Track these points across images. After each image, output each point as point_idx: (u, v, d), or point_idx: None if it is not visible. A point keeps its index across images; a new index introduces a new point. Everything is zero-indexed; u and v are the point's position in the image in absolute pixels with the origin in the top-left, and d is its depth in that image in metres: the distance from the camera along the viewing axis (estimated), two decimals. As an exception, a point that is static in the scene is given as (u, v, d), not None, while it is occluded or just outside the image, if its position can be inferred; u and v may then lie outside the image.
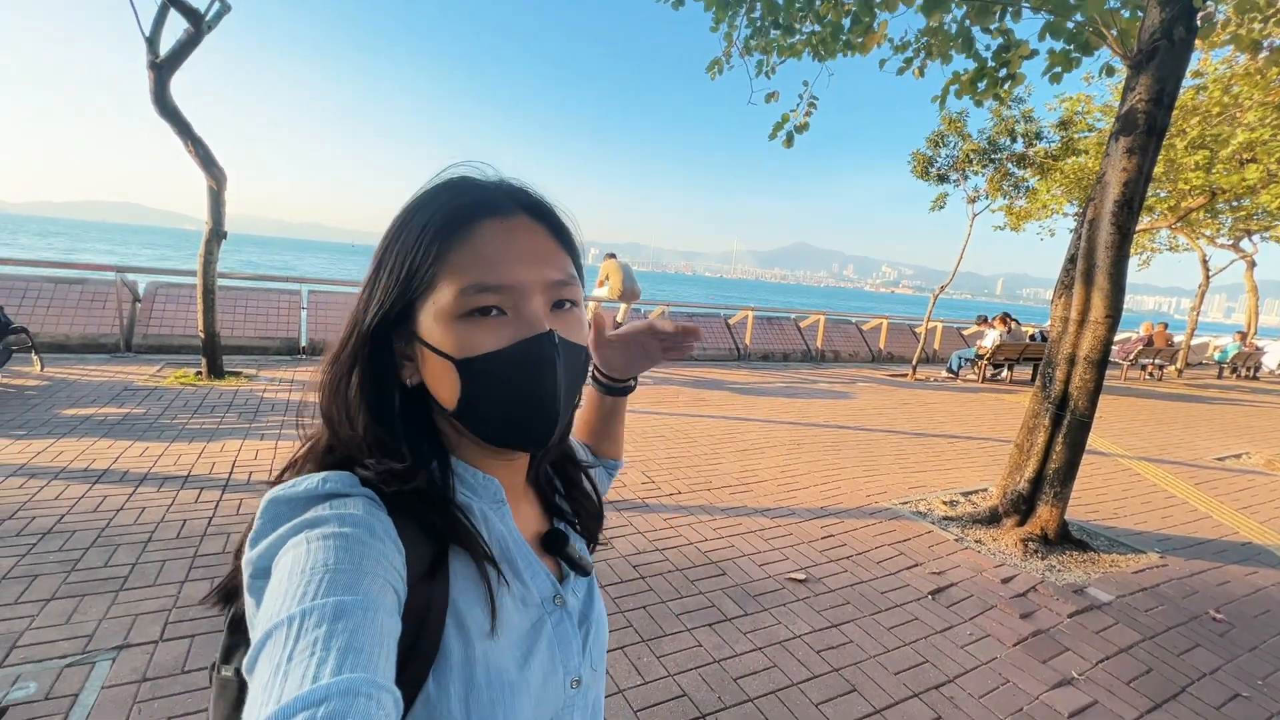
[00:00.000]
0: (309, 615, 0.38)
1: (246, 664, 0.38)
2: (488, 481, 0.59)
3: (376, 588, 0.42)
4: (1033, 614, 2.96)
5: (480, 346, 0.51)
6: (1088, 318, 3.58)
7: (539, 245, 0.54)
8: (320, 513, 0.46)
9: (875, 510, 4.15)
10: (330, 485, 0.48)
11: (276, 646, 0.37)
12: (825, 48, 4.54)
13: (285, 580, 0.41)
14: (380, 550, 0.45)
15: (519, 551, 0.59)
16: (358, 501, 0.48)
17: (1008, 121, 9.50)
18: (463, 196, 0.53)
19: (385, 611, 0.41)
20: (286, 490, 0.48)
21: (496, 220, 0.53)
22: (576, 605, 0.63)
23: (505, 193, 0.55)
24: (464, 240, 0.51)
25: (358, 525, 0.45)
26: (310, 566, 0.41)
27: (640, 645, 2.45)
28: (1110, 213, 3.43)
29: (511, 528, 0.60)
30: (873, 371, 11.16)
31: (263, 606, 0.41)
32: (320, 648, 0.36)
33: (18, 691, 1.93)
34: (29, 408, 4.77)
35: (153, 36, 5.43)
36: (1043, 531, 3.69)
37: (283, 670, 0.35)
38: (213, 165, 5.92)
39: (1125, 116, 3.40)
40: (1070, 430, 3.66)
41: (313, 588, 0.40)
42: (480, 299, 0.51)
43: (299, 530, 0.45)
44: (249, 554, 0.46)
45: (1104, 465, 5.87)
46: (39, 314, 7.02)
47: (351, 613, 0.39)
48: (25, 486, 3.37)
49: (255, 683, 0.36)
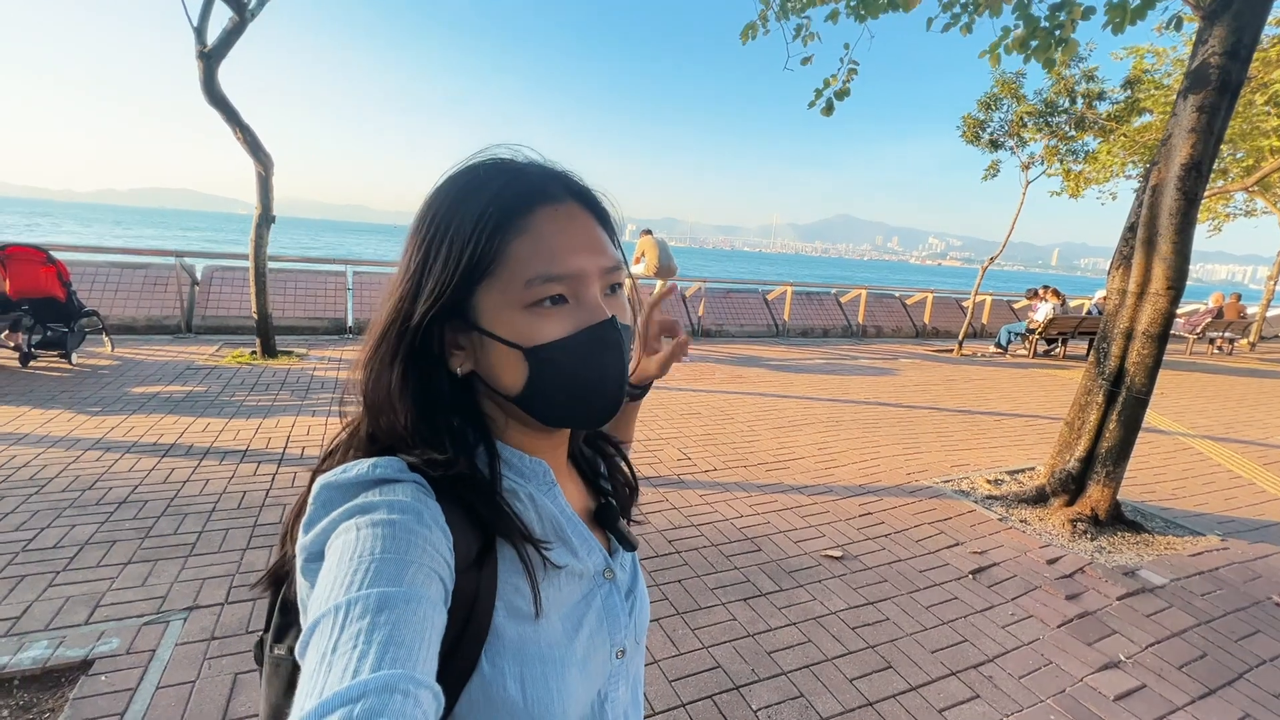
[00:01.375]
0: (354, 605, 0.39)
1: (299, 649, 0.40)
2: (536, 464, 0.59)
3: (421, 578, 0.43)
4: (1079, 596, 2.88)
5: (547, 335, 0.52)
6: (1147, 290, 3.39)
7: (591, 233, 0.55)
8: (370, 498, 0.47)
9: (916, 488, 4.08)
10: (380, 471, 0.49)
11: (323, 636, 0.38)
12: (866, 6, 4.35)
13: (335, 567, 0.42)
14: (427, 537, 0.45)
15: (572, 528, 0.60)
16: (407, 488, 0.48)
17: (1067, 81, 8.93)
18: (516, 183, 0.53)
19: (429, 603, 0.42)
20: (337, 476, 0.49)
21: (551, 207, 0.53)
22: (625, 578, 0.65)
23: (553, 178, 0.55)
24: (524, 229, 0.51)
25: (405, 512, 0.46)
26: (357, 554, 0.42)
27: (675, 618, 2.49)
28: (1176, 177, 3.22)
29: (563, 506, 0.61)
30: (916, 347, 10.87)
31: (315, 591, 0.42)
32: (362, 640, 0.37)
33: (103, 646, 2.10)
34: (103, 385, 5.09)
35: (200, 27, 5.59)
36: (1093, 512, 3.57)
37: (327, 661, 0.37)
38: (260, 151, 6.10)
39: (1195, 72, 3.17)
40: (1125, 407, 3.50)
41: (359, 577, 0.40)
42: (546, 289, 0.51)
43: (349, 515, 0.46)
44: (303, 539, 0.47)
45: (1163, 443, 5.61)
46: (107, 298, 7.44)
47: (394, 604, 0.40)
48: (102, 459, 3.62)
49: (304, 672, 0.38)
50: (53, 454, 3.64)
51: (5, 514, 2.92)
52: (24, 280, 5.45)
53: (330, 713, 0.34)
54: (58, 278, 5.62)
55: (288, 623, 0.57)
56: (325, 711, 0.34)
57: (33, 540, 2.71)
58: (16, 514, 2.92)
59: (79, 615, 2.25)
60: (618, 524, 0.66)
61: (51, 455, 3.62)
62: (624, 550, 0.66)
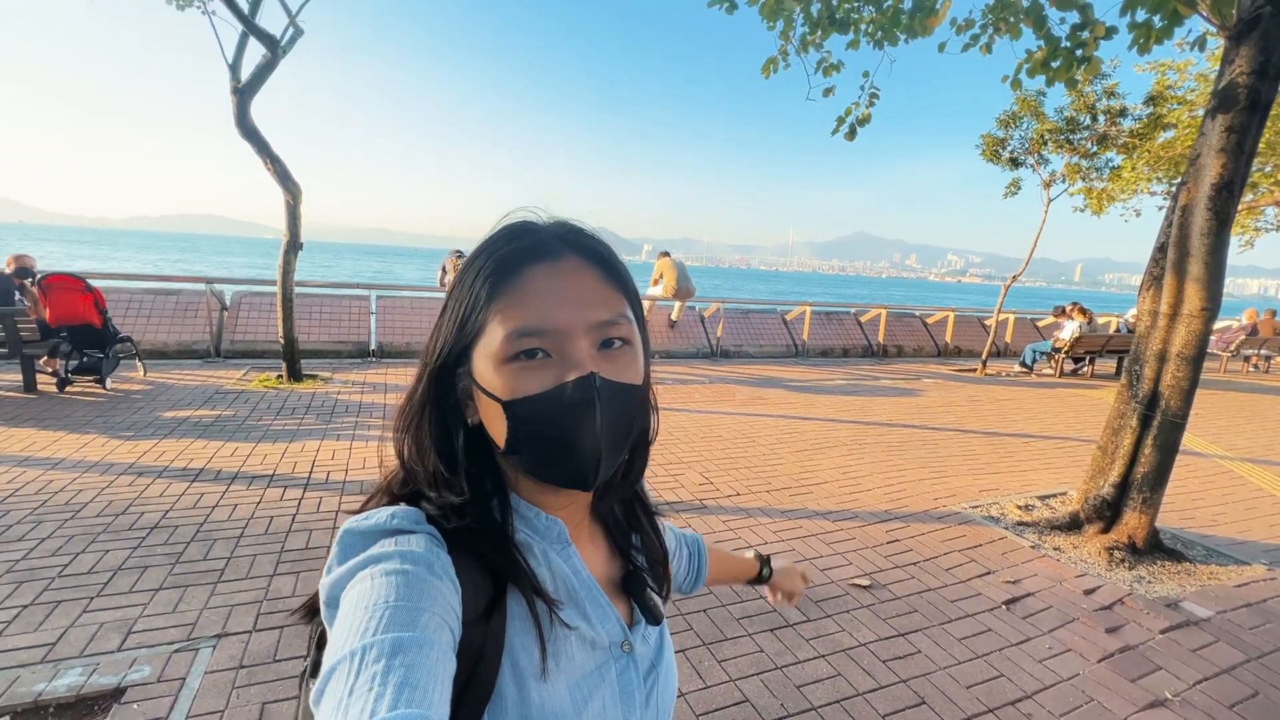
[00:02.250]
0: (369, 650, 0.40)
1: (314, 698, 0.41)
2: (551, 523, 0.59)
3: (434, 625, 0.44)
4: (1120, 628, 2.78)
5: (525, 389, 0.52)
6: (1180, 310, 3.32)
7: (586, 286, 0.55)
8: (385, 549, 0.49)
9: (944, 514, 3.99)
10: (397, 521, 0.52)
11: (339, 681, 0.40)
12: (887, 34, 4.39)
13: (350, 614, 0.44)
14: (437, 588, 0.47)
15: (585, 592, 0.59)
16: (420, 539, 0.51)
17: (1088, 98, 8.87)
18: (515, 242, 0.55)
19: (440, 649, 0.43)
20: (359, 523, 0.52)
21: (545, 264, 0.54)
22: (646, 653, 0.63)
23: (556, 235, 0.56)
24: (511, 286, 0.53)
25: (418, 563, 0.48)
26: (372, 603, 0.44)
27: (701, 649, 2.45)
28: (1207, 197, 3.16)
29: (578, 567, 0.60)
30: (939, 367, 10.72)
31: (331, 638, 0.44)
32: (378, 683, 0.39)
33: (134, 673, 2.13)
34: (135, 410, 5.22)
35: (235, 64, 5.82)
36: (1130, 540, 3.46)
37: (344, 706, 0.38)
38: (289, 181, 6.28)
39: (1223, 92, 3.13)
40: (1161, 432, 3.41)
41: (373, 624, 0.42)
42: (524, 343, 0.52)
43: (364, 565, 0.48)
44: (324, 580, 0.49)
45: (1200, 467, 5.44)
46: (140, 323, 7.66)
47: (408, 649, 0.41)
48: (135, 484, 3.69)
49: (321, 714, 0.39)
50: (88, 478, 3.72)
51: (42, 539, 2.98)
52: (63, 308, 5.63)
53: None
54: (95, 305, 5.81)
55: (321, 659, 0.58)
56: None
57: (68, 565, 2.77)
58: (53, 539, 2.99)
59: (112, 642, 2.28)
60: (644, 593, 0.63)
61: (86, 480, 3.70)
62: (648, 623, 0.64)
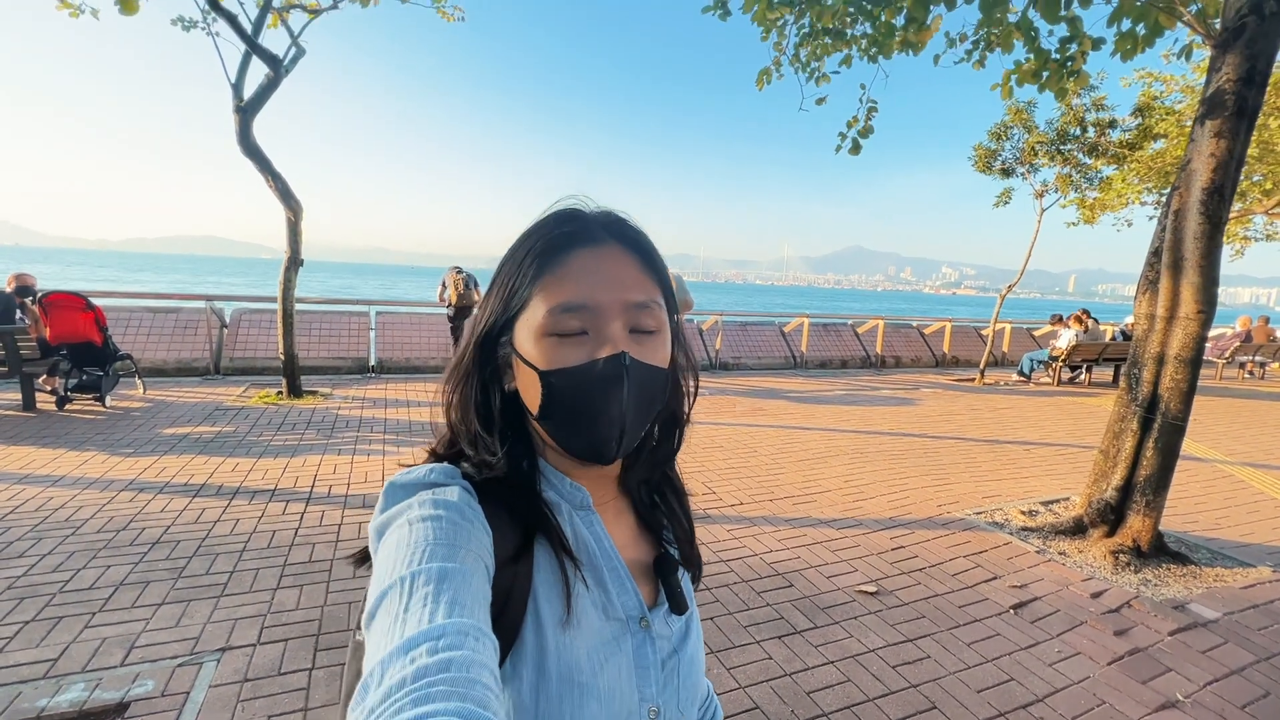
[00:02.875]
0: (418, 576, 0.44)
1: (365, 620, 0.44)
2: (576, 489, 0.62)
3: (470, 559, 0.48)
4: (1128, 631, 2.77)
5: (561, 361, 0.55)
6: (1177, 314, 3.35)
7: (624, 271, 0.58)
8: (423, 497, 0.53)
9: (948, 520, 3.99)
10: (434, 476, 0.56)
11: (393, 601, 0.43)
12: (880, 48, 4.47)
13: (394, 551, 0.48)
14: (470, 530, 0.51)
15: (605, 560, 0.61)
16: (454, 490, 0.55)
17: (1077, 110, 9.02)
18: (563, 226, 0.59)
19: (479, 578, 0.47)
20: (402, 477, 0.56)
21: (589, 248, 0.58)
22: (667, 636, 0.63)
23: (600, 223, 0.60)
24: (557, 266, 0.57)
25: (451, 509, 0.52)
26: (414, 541, 0.48)
27: (709, 657, 2.43)
28: (1199, 201, 3.21)
29: (600, 535, 0.62)
30: (937, 377, 10.75)
31: (375, 574, 0.48)
32: (431, 600, 0.43)
33: (138, 688, 2.10)
34: (135, 427, 5.20)
35: (238, 83, 5.89)
36: (1135, 543, 3.46)
37: (401, 618, 0.41)
38: (290, 198, 6.33)
39: (1211, 99, 3.19)
40: (1162, 434, 3.42)
41: (418, 555, 0.46)
42: (564, 318, 0.56)
43: (404, 512, 0.52)
44: (371, 525, 0.54)
45: (1201, 471, 5.44)
46: (140, 341, 7.66)
47: (453, 576, 0.45)
48: (136, 500, 3.67)
49: (375, 632, 0.42)
50: (88, 495, 3.70)
51: (43, 555, 2.96)
52: (64, 326, 5.64)
53: (417, 645, 0.39)
54: (95, 323, 5.81)
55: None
56: (412, 645, 0.39)
57: (70, 581, 2.75)
58: (54, 555, 2.96)
59: (115, 657, 2.26)
60: (672, 576, 0.64)
61: (87, 496, 3.68)
62: (671, 610, 0.64)
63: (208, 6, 5.51)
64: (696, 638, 0.67)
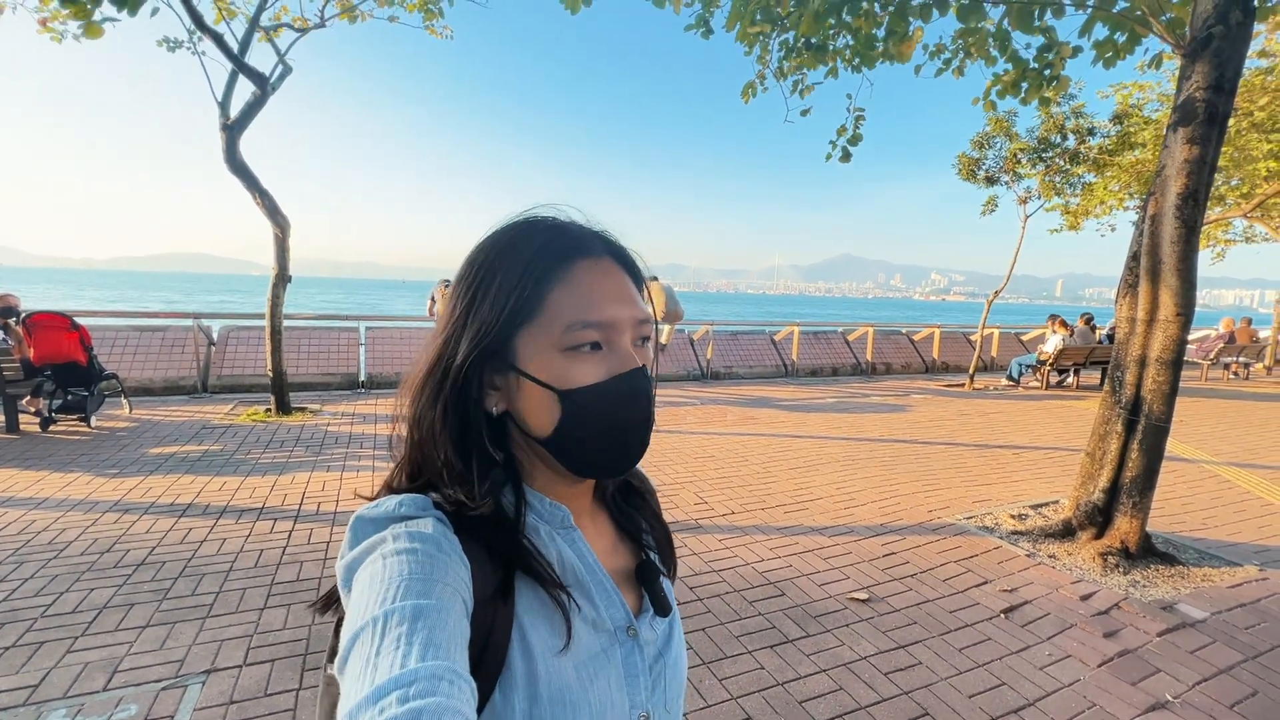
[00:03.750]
0: (391, 616, 0.42)
1: (337, 665, 0.42)
2: (555, 509, 0.60)
3: (447, 594, 0.46)
4: (1117, 633, 2.79)
5: (582, 379, 0.54)
6: (1157, 316, 3.40)
7: (624, 286, 0.58)
8: (395, 531, 0.50)
9: (938, 526, 4.00)
10: (404, 509, 0.53)
11: (364, 644, 0.41)
12: (863, 58, 4.54)
13: (367, 589, 0.45)
14: (447, 564, 0.49)
15: (590, 576, 0.60)
16: (428, 522, 0.52)
17: (1057, 118, 9.18)
18: (560, 237, 0.57)
19: (456, 615, 0.45)
20: (370, 511, 0.53)
21: (590, 260, 0.57)
22: (653, 641, 0.63)
23: (593, 234, 0.59)
24: (565, 278, 0.55)
25: (427, 542, 0.49)
26: (387, 578, 0.45)
27: (701, 668, 2.42)
28: (1174, 207, 3.27)
29: (583, 551, 0.61)
30: (927, 383, 10.82)
31: (349, 612, 0.45)
32: (404, 642, 0.41)
33: (121, 713, 2.07)
34: (120, 447, 5.14)
35: (224, 101, 5.90)
36: (1123, 544, 3.48)
37: (373, 662, 0.40)
38: (278, 214, 6.32)
39: (1183, 106, 3.27)
40: (1146, 435, 3.46)
41: (392, 593, 0.44)
42: (583, 335, 0.54)
43: (375, 548, 0.49)
44: (338, 565, 0.51)
45: (1188, 472, 5.50)
46: (126, 360, 7.59)
47: (428, 614, 0.43)
48: (120, 521, 3.62)
49: (348, 675, 0.40)
50: (72, 517, 3.65)
51: (25, 579, 2.91)
52: (48, 346, 5.58)
53: (387, 694, 0.37)
54: (80, 343, 5.75)
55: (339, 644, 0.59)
56: (382, 694, 0.37)
57: (51, 605, 2.70)
58: (36, 579, 2.92)
59: (97, 682, 2.22)
60: (656, 583, 0.64)
61: (70, 519, 3.63)
62: (655, 614, 0.64)
63: (194, 27, 5.53)
64: (680, 637, 0.68)
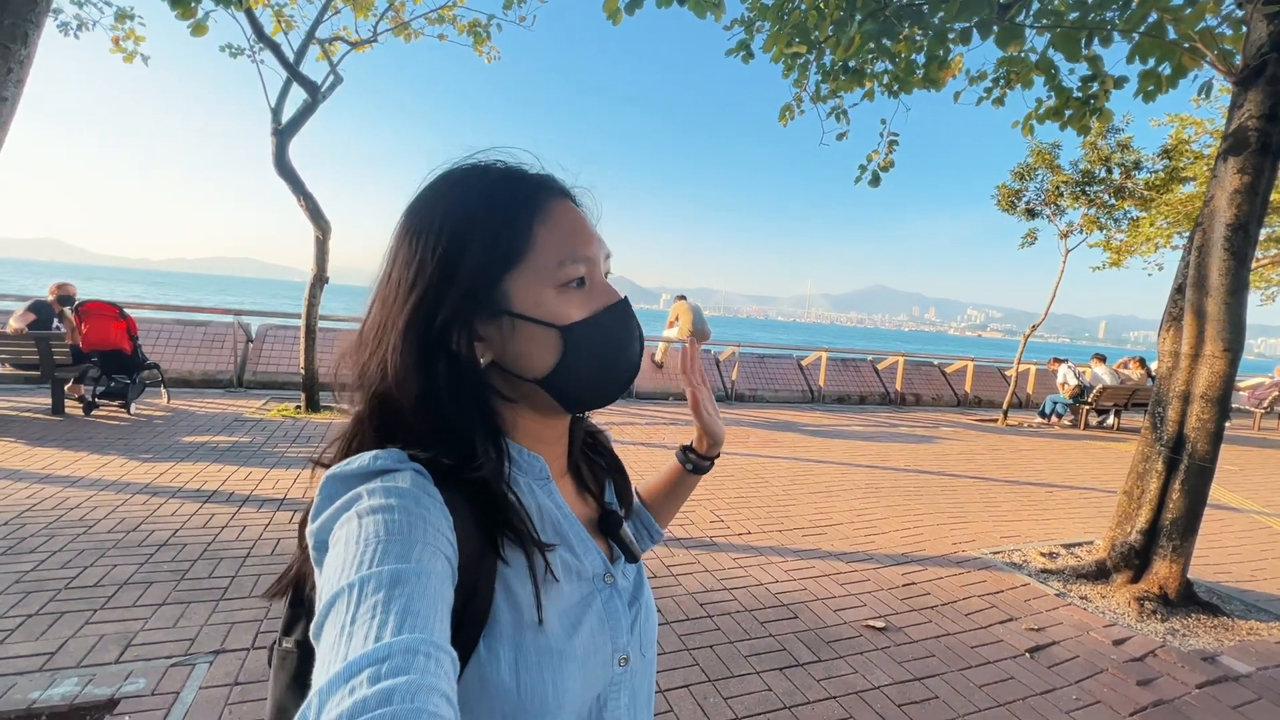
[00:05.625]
0: (368, 582, 0.40)
1: (314, 630, 0.40)
2: (533, 459, 0.60)
3: (428, 555, 0.43)
4: (1153, 681, 2.62)
5: (575, 314, 0.55)
6: (1202, 351, 3.26)
7: (590, 223, 0.60)
8: (371, 486, 0.47)
9: (963, 559, 3.85)
10: (380, 463, 0.49)
11: (340, 611, 0.39)
12: (901, 84, 4.52)
13: (343, 551, 0.43)
14: (427, 519, 0.46)
15: (570, 527, 0.61)
16: (405, 475, 0.49)
17: (1102, 150, 8.97)
18: (529, 178, 0.58)
19: (438, 578, 0.43)
20: (341, 469, 0.49)
21: (558, 201, 0.58)
22: (627, 586, 0.64)
23: (550, 176, 0.60)
24: (547, 218, 0.56)
25: (404, 497, 0.46)
26: (364, 538, 0.43)
27: (707, 685, 2.36)
28: (1223, 237, 3.15)
29: (560, 503, 0.61)
30: (958, 416, 10.53)
31: (323, 577, 0.43)
32: (380, 611, 0.38)
33: (129, 686, 2.10)
34: (155, 434, 5.31)
35: (277, 107, 6.16)
36: (1161, 590, 3.30)
37: (347, 632, 0.37)
38: (320, 217, 6.54)
39: (1234, 135, 3.16)
40: (1189, 476, 3.29)
41: (369, 556, 0.41)
42: (575, 269, 0.55)
43: (350, 505, 0.46)
44: (310, 527, 0.48)
45: (1236, 522, 5.21)
46: (168, 352, 7.87)
47: (407, 579, 0.40)
48: (148, 503, 3.72)
49: (323, 645, 0.38)
50: (103, 497, 3.77)
51: (54, 551, 3.00)
52: (97, 334, 5.83)
53: (358, 672, 0.35)
54: (126, 332, 6.00)
55: (296, 615, 0.57)
56: (353, 672, 0.35)
57: (75, 578, 2.77)
58: (63, 552, 3.01)
59: (110, 654, 2.26)
60: (619, 531, 0.65)
61: (102, 498, 3.75)
62: (626, 560, 0.66)
63: (255, 36, 5.82)
64: (646, 578, 0.69)
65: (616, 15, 3.57)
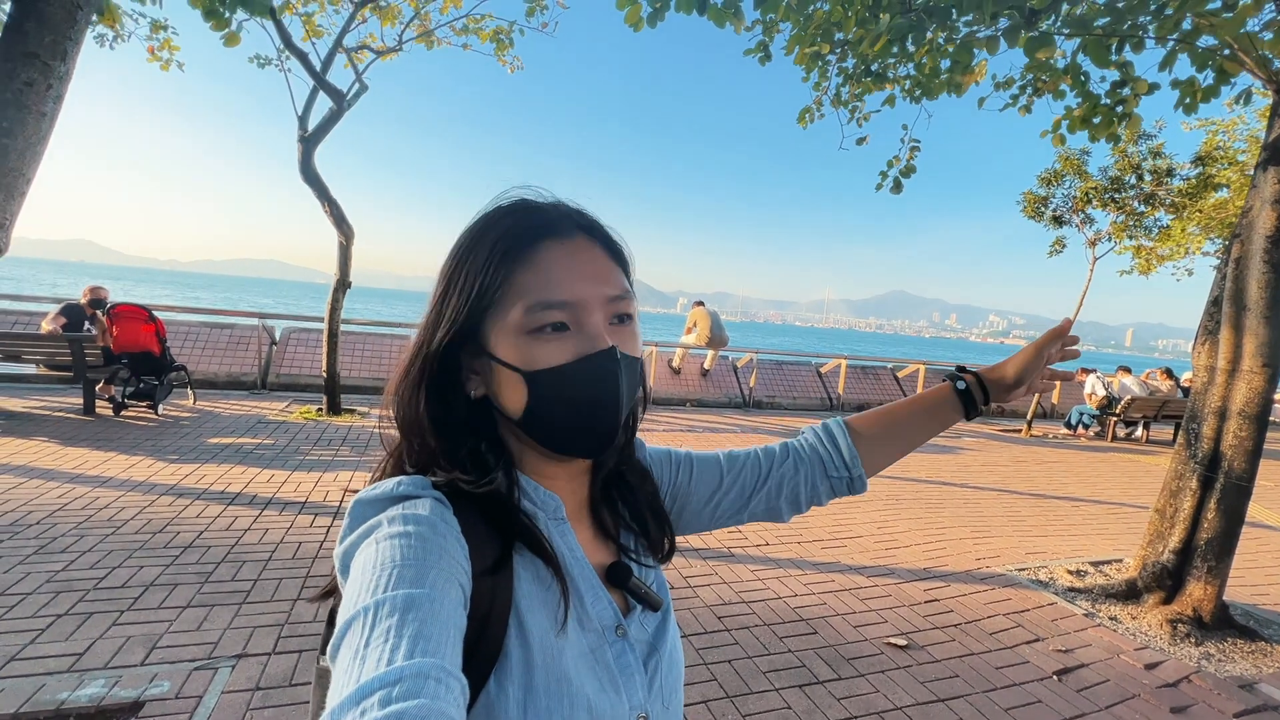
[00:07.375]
0: (382, 606, 0.41)
1: (330, 652, 0.42)
2: (549, 497, 0.60)
3: (442, 581, 0.45)
4: (1187, 709, 2.54)
5: (547, 360, 0.54)
6: (1239, 366, 3.16)
7: (597, 263, 0.57)
8: (392, 513, 0.50)
9: (987, 575, 3.77)
10: (403, 488, 0.53)
11: (355, 635, 0.40)
12: (924, 89, 4.47)
13: (360, 576, 0.45)
14: (443, 546, 0.48)
15: (579, 571, 0.59)
16: (426, 502, 0.51)
17: (1133, 157, 8.77)
18: (526, 219, 0.57)
19: (451, 604, 0.44)
20: (368, 493, 0.53)
21: (557, 241, 0.56)
22: (643, 638, 0.62)
23: (564, 214, 0.58)
24: (529, 261, 0.55)
25: (422, 524, 0.48)
26: (381, 563, 0.45)
27: (724, 701, 2.33)
28: (1262, 249, 3.06)
29: (573, 546, 0.60)
30: (980, 426, 10.35)
31: (343, 600, 0.45)
32: (394, 635, 0.39)
33: (154, 688, 2.13)
34: (182, 435, 5.41)
35: (303, 115, 6.27)
36: (1195, 612, 3.19)
37: (360, 655, 0.39)
38: (343, 223, 6.63)
39: (1274, 145, 3.07)
40: (1225, 495, 3.19)
41: (384, 581, 0.43)
42: (546, 315, 0.54)
43: (371, 531, 0.49)
44: (337, 550, 0.51)
45: (1274, 541, 5.04)
46: (195, 354, 8.03)
47: (420, 604, 0.42)
48: (174, 504, 3.79)
49: (338, 667, 0.39)
50: (131, 497, 3.84)
51: (83, 551, 3.07)
52: (128, 336, 5.96)
53: (370, 695, 0.36)
54: (156, 335, 6.13)
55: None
56: (365, 694, 0.36)
57: (104, 579, 2.83)
58: (93, 552, 3.07)
59: (136, 656, 2.30)
60: (628, 583, 0.63)
61: (130, 499, 3.82)
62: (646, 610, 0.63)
63: (283, 45, 5.93)
64: (674, 631, 0.66)
65: (639, 25, 3.58)
